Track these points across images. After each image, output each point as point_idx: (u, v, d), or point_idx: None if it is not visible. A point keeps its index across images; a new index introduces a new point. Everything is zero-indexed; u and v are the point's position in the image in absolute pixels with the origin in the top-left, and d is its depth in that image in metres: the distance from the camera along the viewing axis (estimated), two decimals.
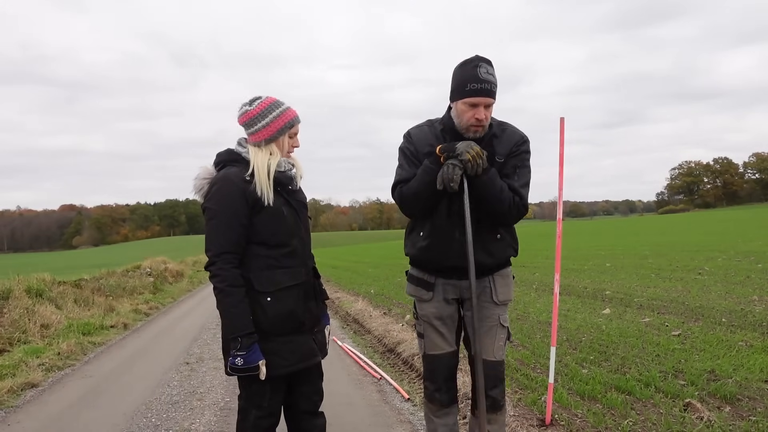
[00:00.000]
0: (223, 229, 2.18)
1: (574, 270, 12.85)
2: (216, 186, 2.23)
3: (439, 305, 2.50)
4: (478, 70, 2.28)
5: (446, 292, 2.49)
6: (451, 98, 2.41)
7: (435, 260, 2.46)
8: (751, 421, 3.13)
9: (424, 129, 2.50)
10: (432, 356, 2.52)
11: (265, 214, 2.22)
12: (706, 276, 9.87)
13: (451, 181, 2.24)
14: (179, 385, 5.01)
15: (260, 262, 2.23)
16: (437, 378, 2.51)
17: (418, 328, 2.58)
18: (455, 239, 2.39)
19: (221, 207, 2.19)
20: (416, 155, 2.44)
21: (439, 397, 2.51)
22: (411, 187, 2.39)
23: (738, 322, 5.80)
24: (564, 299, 8.27)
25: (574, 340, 5.46)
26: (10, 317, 7.33)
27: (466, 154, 2.23)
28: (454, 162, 2.25)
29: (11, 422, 4.14)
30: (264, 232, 2.23)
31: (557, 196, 3.30)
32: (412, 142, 2.47)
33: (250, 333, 2.12)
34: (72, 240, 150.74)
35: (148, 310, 10.74)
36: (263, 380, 2.19)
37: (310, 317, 2.34)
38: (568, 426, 3.25)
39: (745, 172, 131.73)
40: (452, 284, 2.48)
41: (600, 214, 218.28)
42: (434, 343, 2.51)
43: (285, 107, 2.32)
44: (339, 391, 4.50)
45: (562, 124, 3.18)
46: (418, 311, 2.57)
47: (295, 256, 2.29)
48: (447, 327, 2.52)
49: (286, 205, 2.30)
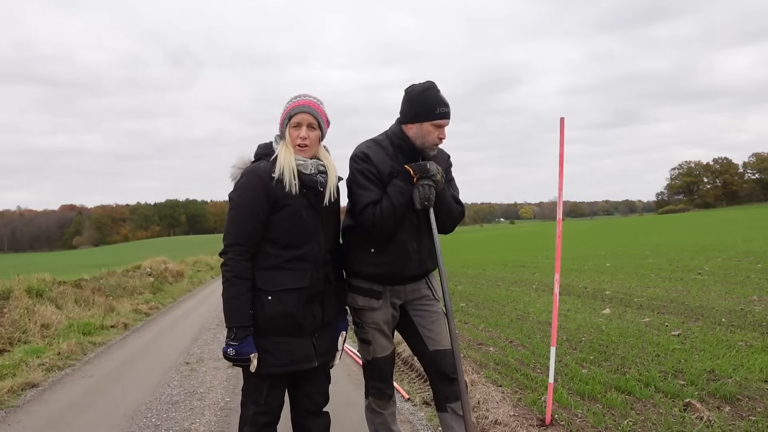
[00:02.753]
0: (241, 221, 2.21)
1: (574, 270, 12.85)
2: (243, 178, 2.27)
3: (386, 311, 2.62)
4: (440, 95, 2.48)
5: (393, 298, 2.63)
6: (412, 120, 2.52)
7: (394, 273, 2.56)
8: (751, 421, 3.14)
9: (376, 149, 2.58)
10: (381, 359, 2.66)
11: (284, 214, 2.24)
12: (706, 276, 9.86)
13: (427, 200, 2.44)
14: (179, 385, 5.01)
15: (267, 261, 2.24)
16: (386, 377, 2.70)
17: (363, 336, 2.66)
18: (414, 250, 2.55)
19: (243, 199, 2.23)
20: (378, 176, 2.51)
21: (388, 392, 2.71)
22: (387, 208, 2.44)
23: (738, 322, 5.80)
24: (564, 299, 8.27)
25: (574, 340, 5.46)
26: (10, 317, 7.34)
27: (438, 175, 2.45)
28: (428, 182, 2.45)
29: (11, 422, 4.14)
30: (277, 231, 2.24)
31: (557, 196, 3.30)
32: (373, 163, 2.53)
33: (245, 326, 2.15)
34: (72, 240, 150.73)
35: (148, 310, 10.75)
36: (260, 377, 2.22)
37: (313, 321, 2.32)
38: (568, 426, 3.25)
39: (745, 172, 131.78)
40: (397, 289, 2.62)
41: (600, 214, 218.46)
42: (382, 346, 2.65)
43: (291, 99, 2.34)
44: (339, 391, 4.50)
45: (562, 124, 3.18)
46: (363, 319, 2.64)
47: (305, 260, 2.28)
48: (390, 330, 2.67)
49: (309, 209, 2.29)
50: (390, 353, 2.68)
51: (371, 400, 2.73)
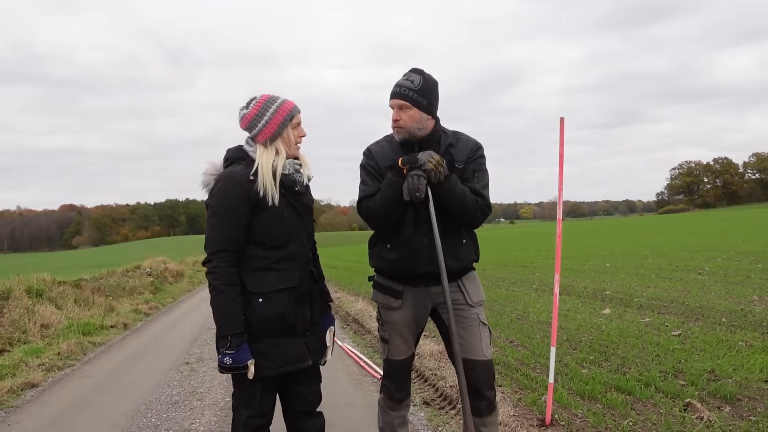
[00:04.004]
0: (223, 227, 2.18)
1: (574, 270, 12.85)
2: (220, 183, 2.23)
3: (406, 313, 2.57)
4: (398, 80, 2.45)
5: (416, 299, 2.56)
6: None
7: (404, 270, 2.52)
8: (751, 421, 3.13)
9: (383, 144, 2.59)
10: (396, 361, 2.63)
11: (266, 216, 2.22)
12: (706, 276, 9.86)
13: (417, 190, 2.35)
14: (179, 385, 5.01)
15: (255, 263, 2.22)
16: (398, 379, 2.65)
17: (383, 333, 2.65)
18: (424, 246, 2.47)
19: (222, 205, 2.19)
20: (378, 170, 2.52)
21: (398, 396, 2.67)
22: (377, 201, 2.44)
23: (738, 322, 5.80)
24: (564, 299, 8.27)
25: (574, 340, 5.46)
26: (10, 317, 7.33)
27: (429, 164, 2.34)
28: (417, 172, 2.36)
29: (11, 422, 4.14)
30: (262, 233, 2.22)
31: (557, 196, 3.30)
32: (373, 157, 2.54)
33: (240, 333, 2.12)
34: (72, 240, 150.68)
35: (148, 310, 10.74)
36: (254, 380, 2.20)
37: (303, 321, 2.31)
38: (568, 426, 3.25)
39: (745, 172, 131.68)
40: (421, 291, 2.55)
41: (600, 214, 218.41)
42: (399, 349, 2.61)
43: (281, 101, 2.30)
44: (339, 391, 4.50)
45: (561, 125, 3.18)
46: (384, 317, 2.63)
47: (291, 260, 2.27)
48: (411, 333, 2.62)
49: (289, 208, 2.28)
50: (406, 358, 2.63)
51: (382, 396, 2.73)
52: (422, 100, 2.43)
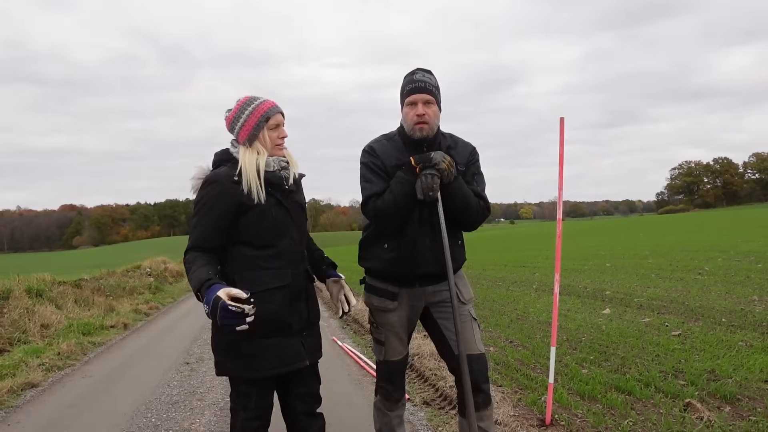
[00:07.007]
0: (202, 226, 2.20)
1: (574, 270, 12.85)
2: (206, 185, 2.24)
3: (402, 314, 2.58)
4: (414, 76, 2.45)
5: (411, 301, 2.57)
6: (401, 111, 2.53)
7: (402, 270, 2.51)
8: (751, 421, 3.13)
9: (384, 143, 2.57)
10: (393, 362, 2.64)
11: (252, 215, 2.21)
12: (706, 276, 9.86)
13: (431, 189, 2.35)
14: (179, 385, 5.01)
15: (245, 263, 2.22)
16: (395, 380, 2.67)
17: (378, 336, 2.65)
18: (427, 247, 2.47)
19: (206, 205, 2.21)
20: (383, 169, 2.50)
21: (395, 396, 2.69)
22: (388, 200, 2.42)
23: (738, 322, 5.80)
24: (564, 299, 8.27)
25: (574, 340, 5.46)
26: (10, 317, 7.34)
27: (443, 164, 2.35)
28: (432, 172, 2.35)
29: (11, 422, 4.14)
30: (250, 232, 2.22)
31: (557, 196, 3.30)
32: (377, 155, 2.52)
33: (206, 280, 2.02)
34: (72, 240, 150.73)
35: (148, 310, 10.75)
36: (249, 382, 2.18)
37: (299, 319, 2.30)
38: (568, 426, 3.25)
39: (745, 172, 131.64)
40: (416, 292, 2.56)
41: (600, 214, 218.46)
42: (395, 350, 2.63)
43: (258, 102, 2.29)
44: (339, 391, 4.50)
45: (561, 124, 3.18)
46: (378, 320, 2.63)
47: (283, 258, 2.26)
48: (406, 334, 2.64)
49: (277, 206, 2.28)
50: (402, 358, 2.65)
51: (379, 398, 2.72)
52: (440, 98, 2.47)
